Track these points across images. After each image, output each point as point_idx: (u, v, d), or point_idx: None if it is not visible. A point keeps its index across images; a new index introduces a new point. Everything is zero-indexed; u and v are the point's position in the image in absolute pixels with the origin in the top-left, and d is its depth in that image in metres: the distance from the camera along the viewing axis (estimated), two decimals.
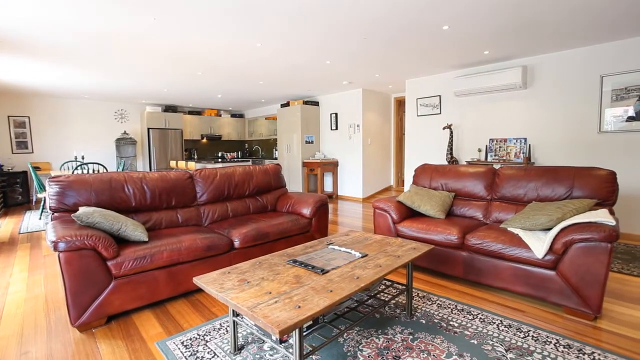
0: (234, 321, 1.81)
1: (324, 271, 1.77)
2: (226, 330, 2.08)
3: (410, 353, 1.80)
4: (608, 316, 2.20)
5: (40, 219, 5.47)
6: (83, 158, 6.39)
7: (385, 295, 2.46)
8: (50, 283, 2.89)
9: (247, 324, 1.75)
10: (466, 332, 1.99)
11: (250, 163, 9.32)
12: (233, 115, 10.15)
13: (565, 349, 1.82)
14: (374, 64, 4.90)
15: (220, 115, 9.81)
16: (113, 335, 2.04)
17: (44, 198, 5.34)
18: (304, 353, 1.48)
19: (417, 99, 5.93)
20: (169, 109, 8.55)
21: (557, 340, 1.91)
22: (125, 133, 8.19)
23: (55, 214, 2.46)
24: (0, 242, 4.19)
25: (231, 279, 1.73)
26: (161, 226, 2.90)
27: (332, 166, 7.37)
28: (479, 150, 5.16)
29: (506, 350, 1.81)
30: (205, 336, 2.01)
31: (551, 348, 1.83)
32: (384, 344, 1.88)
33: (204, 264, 2.57)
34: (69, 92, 6.83)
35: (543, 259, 2.23)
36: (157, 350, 1.89)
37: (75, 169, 5.41)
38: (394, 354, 1.79)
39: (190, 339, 1.98)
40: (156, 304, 2.46)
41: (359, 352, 1.81)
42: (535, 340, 1.91)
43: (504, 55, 4.49)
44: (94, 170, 5.65)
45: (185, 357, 1.81)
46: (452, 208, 3.29)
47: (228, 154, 9.89)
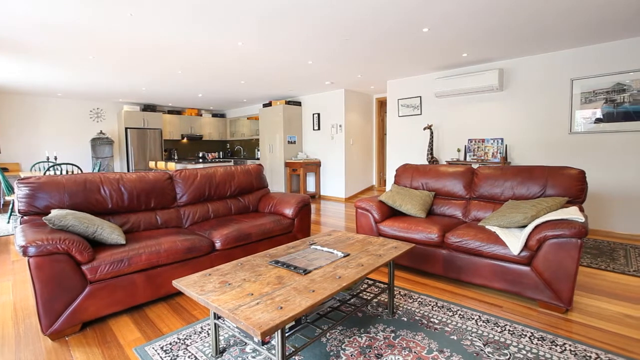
0: (215, 324, 1.78)
1: (306, 271, 1.77)
2: (207, 334, 2.04)
3: (392, 351, 1.82)
4: (578, 308, 2.29)
5: (8, 222, 5.21)
6: (56, 159, 6.13)
7: (368, 294, 2.49)
8: (20, 290, 2.76)
9: (229, 327, 1.73)
10: (446, 328, 2.04)
11: (232, 163, 9.20)
12: (214, 115, 9.99)
13: (539, 341, 1.89)
14: (356, 64, 4.94)
15: (201, 115, 9.65)
16: (88, 343, 1.97)
17: (12, 201, 5.09)
18: (287, 354, 1.47)
19: (399, 99, 6.01)
20: (148, 108, 8.33)
21: (532, 333, 1.98)
22: (101, 133, 7.92)
23: (24, 217, 2.35)
24: None
25: (212, 281, 1.70)
26: (139, 228, 2.82)
27: (315, 166, 7.37)
28: (459, 150, 5.29)
29: (484, 345, 1.87)
30: (185, 340, 1.97)
31: (526, 341, 1.90)
32: (366, 343, 1.90)
33: (185, 266, 2.51)
34: (39, 90, 6.54)
35: (519, 256, 2.31)
36: (136, 356, 1.84)
37: (47, 170, 5.19)
38: (376, 352, 1.81)
39: (170, 344, 1.94)
40: (134, 308, 2.39)
41: (341, 352, 1.82)
42: (511, 334, 1.97)
43: (481, 58, 4.62)
44: (67, 171, 5.43)
45: None
46: (433, 207, 3.35)
47: (209, 154, 9.73)
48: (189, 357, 1.81)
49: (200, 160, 9.09)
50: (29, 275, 1.93)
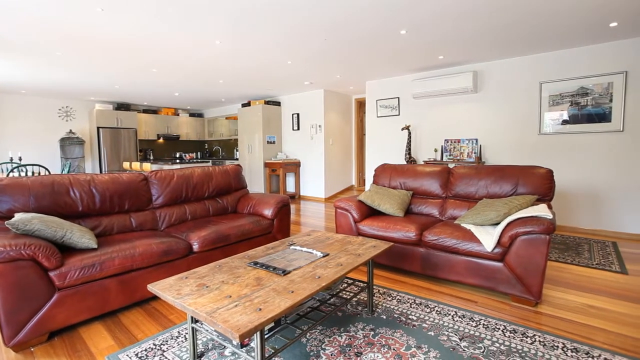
0: (192, 328, 1.74)
1: (285, 272, 1.77)
2: (185, 338, 1.99)
3: (371, 348, 1.84)
4: (547, 301, 2.40)
5: None
6: (20, 159, 5.81)
7: (347, 293, 2.51)
8: None
9: (207, 330, 1.69)
10: (424, 325, 2.08)
11: (210, 164, 9.03)
12: (192, 115, 9.78)
13: (511, 334, 1.96)
14: (335, 65, 4.96)
15: (177, 115, 9.41)
16: (56, 353, 1.88)
17: None
18: (266, 356, 1.46)
19: (377, 100, 6.09)
20: (122, 106, 8.05)
21: (505, 326, 2.05)
22: (71, 132, 7.58)
23: None
24: None
25: (189, 284, 1.67)
26: (113, 231, 2.72)
27: (295, 166, 7.35)
28: (435, 151, 5.42)
29: (460, 340, 1.92)
30: (162, 346, 1.92)
31: (499, 334, 1.97)
32: (346, 342, 1.91)
33: (161, 269, 2.45)
34: (0, 86, 6.18)
35: (492, 252, 2.39)
36: None
37: (11, 171, 4.91)
38: (356, 350, 1.83)
39: (145, 350, 1.88)
40: (107, 314, 2.30)
41: (321, 351, 1.82)
42: (485, 328, 2.04)
43: (457, 60, 4.75)
44: (33, 173, 5.16)
45: None
46: (411, 206, 3.42)
47: (187, 154, 9.51)
48: None
49: (178, 160, 8.87)
50: None
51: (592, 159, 4.17)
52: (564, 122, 4.30)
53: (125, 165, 6.95)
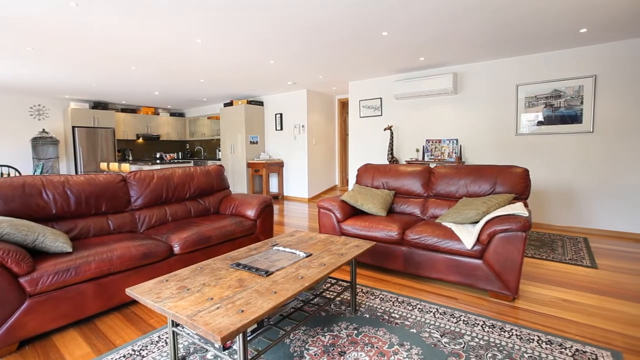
0: (173, 332, 1.71)
1: (268, 273, 1.75)
2: (165, 343, 1.95)
3: (355, 347, 1.85)
4: (524, 296, 2.48)
5: None
6: None
7: (330, 293, 2.51)
8: None
9: (189, 334, 1.66)
10: (406, 322, 2.11)
11: (191, 164, 8.87)
12: (172, 114, 9.57)
13: (490, 329, 2.02)
14: (318, 65, 4.97)
15: (158, 114, 9.19)
16: None
17: None
18: (249, 358, 1.45)
19: (360, 100, 6.14)
20: (99, 105, 7.80)
21: (484, 321, 2.11)
22: (44, 132, 7.28)
23: None
24: None
25: (169, 287, 1.63)
26: (89, 234, 2.63)
27: (278, 167, 7.32)
28: (417, 151, 5.51)
29: (441, 336, 1.96)
30: (141, 351, 1.87)
31: (479, 329, 2.02)
32: (329, 341, 1.91)
33: (140, 273, 2.38)
34: None
35: (472, 250, 2.46)
36: None
37: None
38: (339, 349, 1.84)
39: (124, 356, 1.83)
40: (83, 321, 2.22)
41: (305, 352, 1.82)
42: (465, 324, 2.09)
43: (437, 62, 4.85)
44: (2, 174, 4.93)
45: None
46: (393, 205, 3.46)
47: (167, 155, 9.31)
48: None
49: (158, 161, 8.66)
50: None
51: (565, 158, 4.34)
52: (539, 123, 4.45)
53: (103, 166, 6.73)
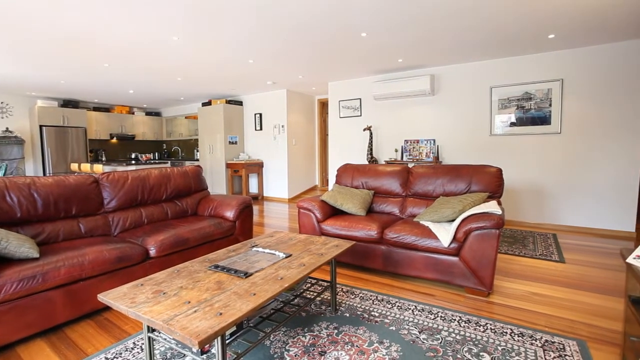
0: (149, 337, 1.66)
1: (247, 274, 1.73)
2: (141, 349, 1.89)
3: (335, 347, 1.86)
4: (498, 291, 2.57)
5: None
6: None
7: (311, 293, 2.51)
8: None
9: (165, 339, 1.62)
10: (386, 320, 2.14)
11: (168, 165, 8.64)
12: (148, 114, 9.29)
13: (466, 324, 2.08)
14: (297, 65, 4.96)
15: (133, 113, 8.90)
16: None
17: None
18: None
19: (340, 101, 6.18)
20: (69, 103, 7.46)
21: (460, 317, 2.17)
22: (7, 131, 6.89)
23: None
24: None
25: (145, 291, 1.58)
26: (58, 239, 2.52)
27: (257, 167, 7.25)
28: (396, 151, 5.60)
29: (420, 332, 2.00)
30: (115, 359, 1.81)
31: (455, 325, 2.08)
32: (310, 341, 1.91)
33: (114, 277, 2.30)
34: None
35: (449, 247, 2.52)
36: None
37: None
38: (320, 349, 1.84)
39: None
40: (52, 329, 2.12)
41: (285, 353, 1.81)
42: (443, 320, 2.14)
43: (415, 64, 4.95)
44: None
45: None
46: (372, 205, 3.50)
47: (143, 155, 9.03)
48: None
49: (133, 161, 8.39)
50: None
51: (536, 158, 4.53)
52: (512, 124, 4.63)
53: (74, 166, 6.46)
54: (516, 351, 1.80)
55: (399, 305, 2.34)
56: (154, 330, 1.68)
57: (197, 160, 8.30)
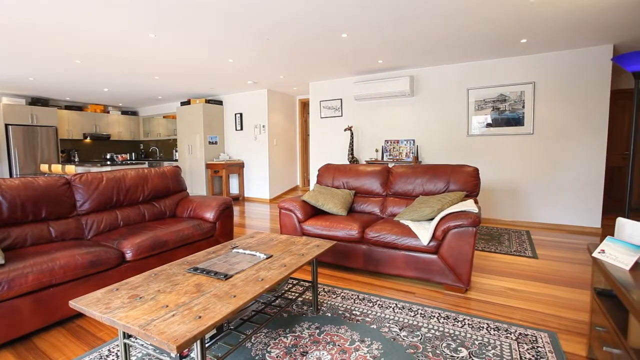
0: (125, 344, 1.60)
1: (227, 276, 1.71)
2: (117, 356, 1.83)
3: (317, 347, 1.86)
4: (475, 287, 2.65)
5: None
6: None
7: (292, 293, 2.51)
8: None
9: (142, 345, 1.57)
10: (367, 319, 2.16)
11: (146, 165, 8.40)
12: (124, 113, 9.00)
13: (445, 320, 2.13)
14: (278, 65, 4.93)
15: (108, 112, 8.59)
16: None
17: None
18: None
19: (321, 101, 6.19)
20: (38, 101, 7.13)
21: (439, 313, 2.22)
22: None
23: None
24: None
25: (120, 296, 1.53)
26: (26, 244, 2.40)
27: (238, 167, 7.16)
28: (377, 151, 5.66)
29: (400, 330, 2.03)
30: None
31: (434, 321, 2.12)
32: (292, 342, 1.91)
33: (88, 283, 2.22)
34: None
35: (428, 246, 2.57)
36: None
37: None
38: (301, 350, 1.84)
39: None
40: (19, 339, 2.02)
41: (267, 354, 1.80)
42: (422, 317, 2.18)
43: (395, 65, 5.02)
44: None
45: None
46: (353, 205, 3.53)
47: (119, 155, 8.74)
48: None
49: (108, 162, 8.10)
50: None
51: (510, 158, 4.70)
52: (488, 125, 4.77)
53: (44, 167, 6.17)
54: (492, 345, 1.86)
55: (379, 304, 2.37)
56: (130, 336, 1.63)
57: (176, 160, 8.11)
